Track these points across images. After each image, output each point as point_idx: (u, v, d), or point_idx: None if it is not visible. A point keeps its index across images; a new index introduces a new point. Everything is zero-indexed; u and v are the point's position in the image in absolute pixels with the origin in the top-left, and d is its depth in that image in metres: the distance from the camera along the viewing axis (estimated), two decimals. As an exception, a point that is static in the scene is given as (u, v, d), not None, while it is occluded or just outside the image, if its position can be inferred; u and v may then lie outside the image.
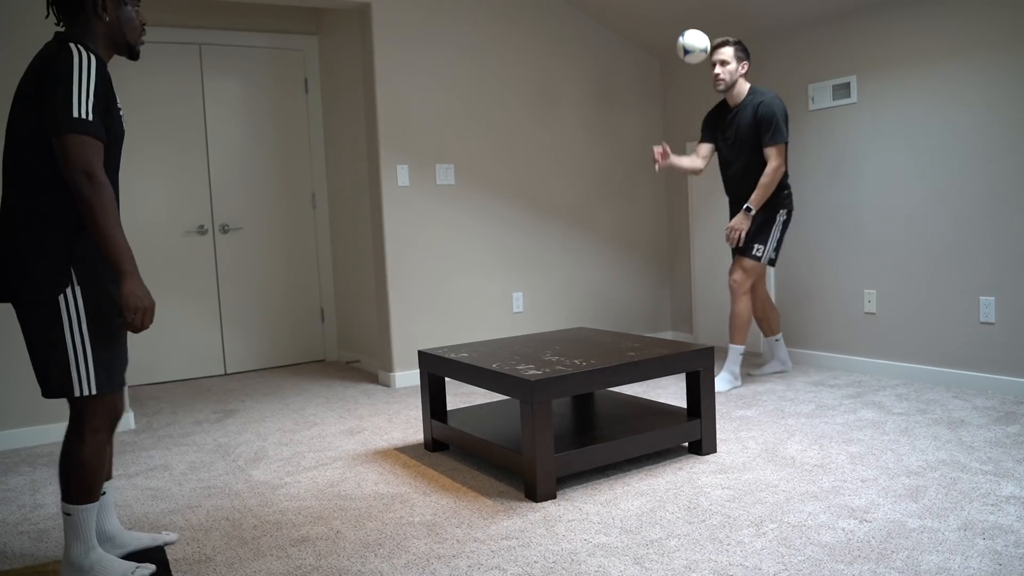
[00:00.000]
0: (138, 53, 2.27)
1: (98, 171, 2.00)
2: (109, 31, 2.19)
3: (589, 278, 5.40)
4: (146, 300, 2.05)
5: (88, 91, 2.01)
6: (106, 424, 2.19)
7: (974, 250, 3.92)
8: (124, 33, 2.21)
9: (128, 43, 2.23)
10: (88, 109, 2.00)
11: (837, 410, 3.71)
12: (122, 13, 2.20)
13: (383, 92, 4.63)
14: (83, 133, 1.99)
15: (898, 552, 2.23)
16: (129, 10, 2.21)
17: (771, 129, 3.95)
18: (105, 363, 2.13)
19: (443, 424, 3.30)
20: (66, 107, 1.99)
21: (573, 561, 2.29)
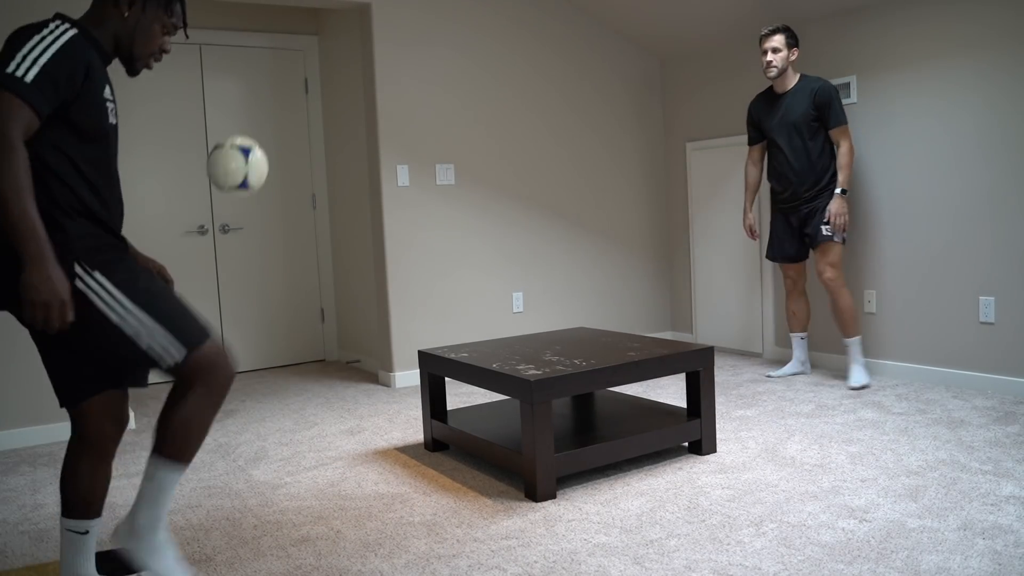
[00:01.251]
0: (137, 71, 2.03)
1: (14, 134, 1.69)
2: (121, 29, 1.98)
3: (589, 278, 5.40)
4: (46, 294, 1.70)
5: (38, 58, 1.76)
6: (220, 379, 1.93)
7: (974, 250, 3.92)
8: (134, 40, 1.99)
9: (132, 53, 2.00)
10: (29, 73, 1.73)
11: (837, 410, 3.71)
12: (143, 20, 1.98)
13: (383, 92, 4.63)
14: (8, 89, 1.71)
15: (898, 552, 2.23)
16: (153, 25, 2.00)
17: (833, 111, 3.99)
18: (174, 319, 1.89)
19: (443, 424, 3.30)
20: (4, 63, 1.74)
21: (573, 561, 2.29)
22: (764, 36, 4.08)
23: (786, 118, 4.11)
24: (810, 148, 4.09)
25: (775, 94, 4.19)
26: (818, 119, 4.06)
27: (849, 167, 4.01)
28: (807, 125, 4.06)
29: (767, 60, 4.07)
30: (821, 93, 4.01)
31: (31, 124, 1.74)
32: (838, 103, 4.01)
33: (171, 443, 1.92)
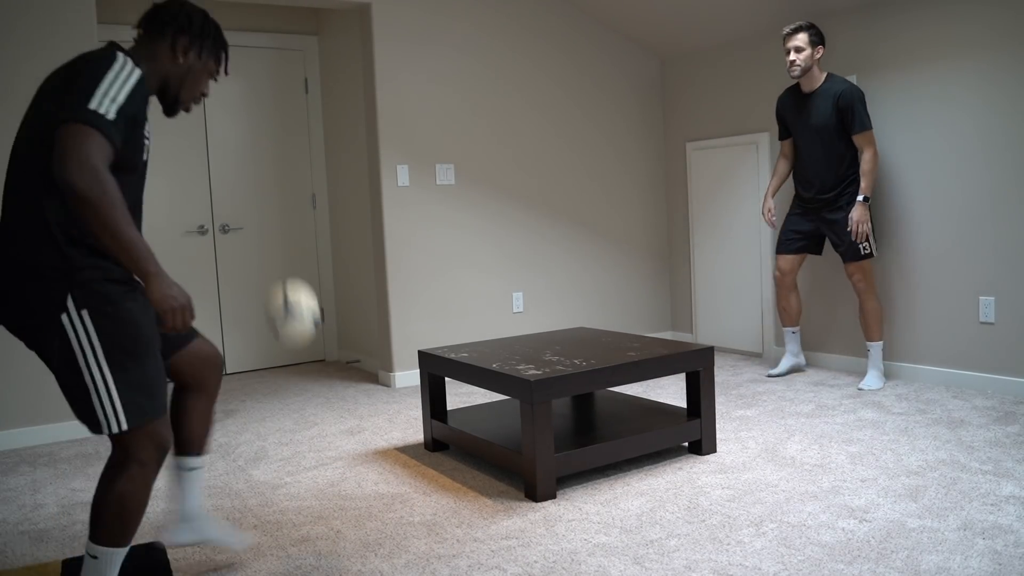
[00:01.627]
0: (176, 112, 2.07)
1: (102, 167, 1.70)
2: (172, 72, 2.01)
3: (589, 278, 5.40)
4: (180, 298, 1.78)
5: (118, 94, 1.78)
6: (154, 455, 1.89)
7: (974, 250, 3.92)
8: (183, 84, 2.03)
9: (177, 96, 2.04)
10: (110, 108, 1.75)
11: (837, 410, 3.71)
12: (196, 67, 2.03)
13: (383, 92, 4.63)
14: (94, 126, 1.71)
15: (898, 552, 2.23)
16: (203, 72, 2.05)
17: (855, 117, 3.90)
18: (133, 389, 1.82)
19: (443, 424, 3.30)
20: (85, 97, 1.74)
21: (573, 561, 2.29)
22: (787, 35, 3.99)
23: (810, 121, 4.04)
24: (833, 154, 4.01)
25: (802, 93, 4.10)
26: (841, 124, 3.98)
27: (872, 174, 3.92)
28: (831, 130, 3.99)
29: (790, 60, 3.98)
30: (844, 97, 3.91)
31: (110, 158, 1.76)
32: (862, 107, 3.90)
33: (112, 528, 1.87)
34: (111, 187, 1.70)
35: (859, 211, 3.93)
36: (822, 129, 4.00)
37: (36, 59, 3.80)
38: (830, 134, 3.99)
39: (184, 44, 1.99)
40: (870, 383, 4.06)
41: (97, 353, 1.80)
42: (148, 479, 1.90)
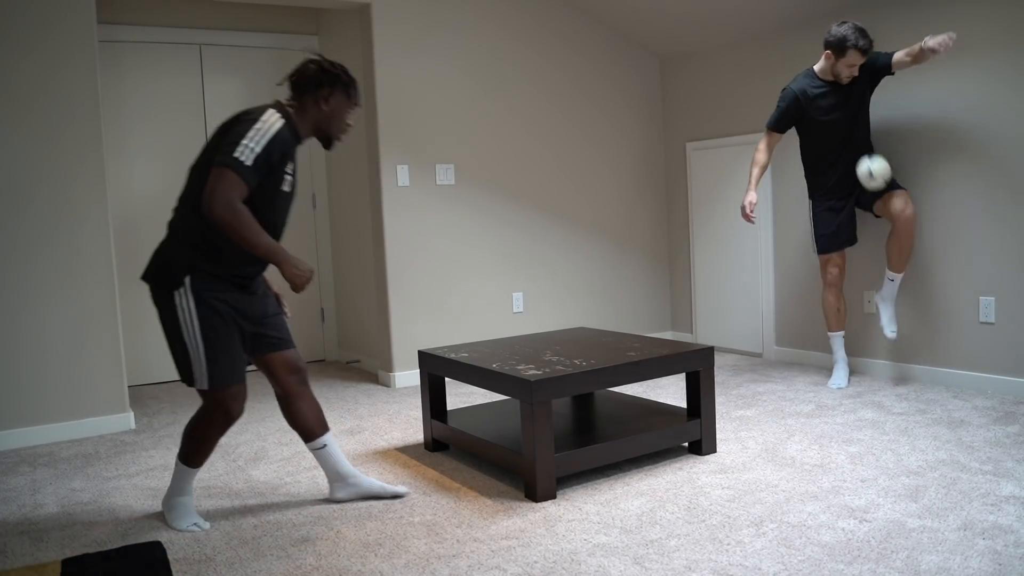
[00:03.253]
0: (332, 146, 2.65)
1: (236, 202, 2.34)
2: (320, 118, 2.58)
3: (589, 278, 5.40)
4: (304, 271, 2.45)
5: (255, 147, 2.38)
6: (221, 418, 2.59)
7: (974, 250, 3.92)
8: (330, 124, 2.60)
9: (329, 135, 2.62)
10: (249, 156, 2.36)
11: (837, 410, 3.71)
12: (336, 110, 2.58)
13: (383, 92, 4.63)
14: (234, 170, 2.34)
15: (898, 552, 2.23)
16: (345, 110, 2.60)
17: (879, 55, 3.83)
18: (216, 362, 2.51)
19: (443, 424, 3.30)
20: (232, 147, 2.36)
21: (573, 561, 2.29)
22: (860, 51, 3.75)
23: (856, 104, 3.93)
24: (862, 130, 3.99)
25: (838, 84, 3.93)
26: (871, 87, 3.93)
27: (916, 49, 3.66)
28: (866, 99, 3.96)
29: (847, 75, 3.84)
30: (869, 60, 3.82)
31: (244, 195, 2.39)
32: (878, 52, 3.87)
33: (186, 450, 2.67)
34: (241, 211, 2.35)
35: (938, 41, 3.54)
36: (859, 105, 3.93)
37: (36, 59, 3.80)
38: (863, 107, 3.95)
39: (325, 95, 2.55)
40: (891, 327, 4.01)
41: (195, 328, 2.48)
42: (215, 428, 2.62)
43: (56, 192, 3.86)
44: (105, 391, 3.98)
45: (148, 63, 5.16)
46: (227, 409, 2.58)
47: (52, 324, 3.86)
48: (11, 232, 3.77)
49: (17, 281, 3.79)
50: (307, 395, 2.76)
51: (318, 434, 2.77)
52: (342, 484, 2.82)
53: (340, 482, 2.82)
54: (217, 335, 2.49)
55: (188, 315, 2.46)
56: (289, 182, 2.56)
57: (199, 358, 2.49)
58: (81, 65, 3.88)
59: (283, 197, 2.55)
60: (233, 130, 2.41)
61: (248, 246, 2.37)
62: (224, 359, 2.52)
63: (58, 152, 3.86)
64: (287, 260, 2.43)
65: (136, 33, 5.11)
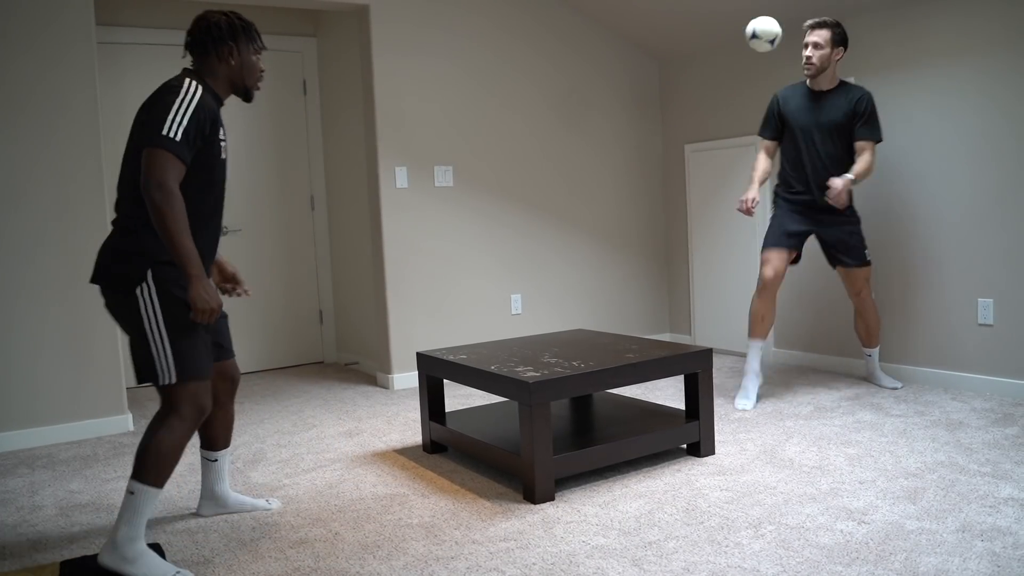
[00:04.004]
0: (252, 98, 2.55)
1: (171, 183, 2.21)
2: (231, 73, 2.47)
3: (588, 280, 5.40)
4: (212, 301, 2.27)
5: (183, 118, 2.26)
6: (192, 414, 2.35)
7: (973, 252, 3.92)
8: (244, 77, 2.49)
9: (246, 86, 2.51)
10: (177, 131, 2.24)
11: (835, 412, 3.72)
12: (245, 60, 2.48)
13: (381, 93, 4.63)
14: (166, 149, 2.22)
15: (896, 554, 2.23)
16: (253, 58, 2.49)
17: (872, 124, 3.73)
18: (183, 353, 2.32)
19: (441, 426, 3.30)
20: (159, 125, 2.23)
21: (571, 563, 2.29)
22: (808, 28, 3.73)
23: (824, 119, 3.79)
24: (841, 157, 3.82)
25: (811, 91, 3.84)
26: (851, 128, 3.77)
27: (864, 174, 3.70)
28: (842, 131, 3.78)
29: (805, 55, 3.73)
30: (863, 102, 3.73)
31: (181, 173, 2.26)
32: (876, 116, 3.75)
33: (150, 469, 2.29)
34: (175, 197, 2.21)
35: (845, 181, 3.61)
36: (833, 130, 3.78)
37: (34, 60, 3.79)
38: (840, 136, 3.79)
39: (226, 50, 2.43)
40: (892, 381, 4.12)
41: (159, 320, 2.30)
42: (184, 432, 2.34)
43: (54, 193, 3.85)
44: (104, 393, 3.98)
45: (146, 65, 5.16)
46: (200, 404, 2.37)
47: (50, 325, 3.85)
48: (8, 233, 3.77)
49: (15, 282, 3.78)
50: (229, 407, 2.73)
51: (219, 447, 2.74)
52: (212, 503, 2.78)
53: (212, 500, 2.78)
54: (182, 325, 2.33)
55: (151, 307, 2.30)
56: (224, 148, 2.45)
57: (164, 350, 2.30)
58: (79, 66, 3.88)
59: (222, 165, 2.45)
60: (155, 108, 2.27)
61: (168, 240, 2.21)
62: (191, 349, 2.34)
63: (56, 153, 3.86)
64: (201, 277, 2.25)
65: (134, 35, 5.11)
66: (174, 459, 2.32)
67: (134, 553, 2.26)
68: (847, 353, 4.52)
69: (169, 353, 2.31)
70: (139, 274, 2.30)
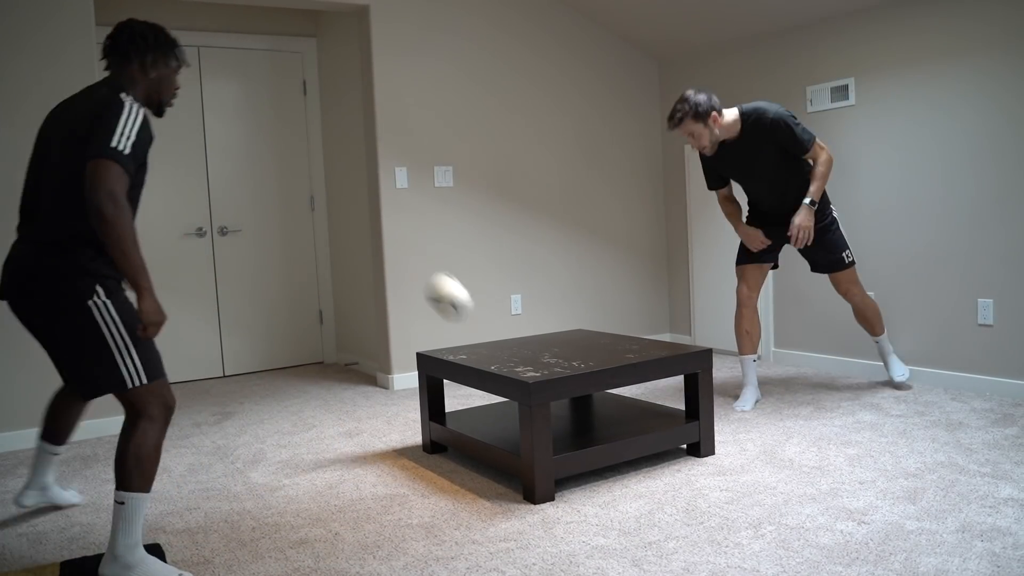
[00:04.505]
0: (163, 112, 2.55)
1: (121, 196, 2.18)
2: (149, 85, 2.46)
3: (588, 280, 5.40)
4: (160, 316, 2.28)
5: (131, 134, 2.24)
6: (162, 413, 2.37)
7: (972, 252, 3.92)
8: (161, 90, 2.49)
9: (160, 101, 2.51)
10: (126, 145, 2.23)
11: (835, 412, 3.72)
12: (165, 74, 2.48)
13: (381, 94, 4.63)
14: (115, 161, 2.19)
15: (896, 554, 2.23)
16: (171, 74, 2.50)
17: (796, 138, 3.59)
18: (146, 355, 2.35)
19: (441, 426, 3.30)
20: (108, 138, 2.20)
21: (571, 563, 2.29)
22: (670, 129, 3.67)
23: (750, 162, 3.70)
24: (782, 185, 3.73)
25: (726, 144, 3.73)
26: (783, 151, 3.67)
27: (824, 178, 3.62)
28: (772, 164, 3.68)
29: (693, 146, 3.72)
30: (775, 129, 3.58)
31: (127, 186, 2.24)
32: (796, 128, 3.59)
33: (137, 476, 2.29)
34: (125, 209, 2.18)
35: (804, 214, 3.62)
36: (765, 164, 3.68)
37: (33, 60, 3.80)
38: (774, 166, 3.68)
39: (149, 61, 2.43)
40: (901, 372, 4.00)
41: (120, 328, 2.31)
42: (158, 433, 2.35)
43: (54, 194, 3.85)
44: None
45: (147, 65, 5.16)
46: (166, 401, 2.39)
47: (50, 326, 3.85)
48: (9, 233, 3.76)
49: (15, 283, 3.78)
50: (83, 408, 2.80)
51: (61, 442, 2.79)
52: (39, 492, 2.85)
53: (39, 490, 2.84)
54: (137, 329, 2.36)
55: (109, 316, 2.29)
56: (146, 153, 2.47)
57: (129, 355, 2.31)
58: (78, 65, 3.88)
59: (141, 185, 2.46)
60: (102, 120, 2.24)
61: (119, 252, 2.18)
62: (151, 351, 2.39)
63: (56, 154, 3.86)
64: (151, 290, 2.26)
65: (135, 35, 5.11)
66: (155, 460, 2.34)
67: (135, 560, 2.26)
68: (847, 353, 4.52)
69: (135, 357, 2.32)
70: (90, 287, 2.29)
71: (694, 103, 3.58)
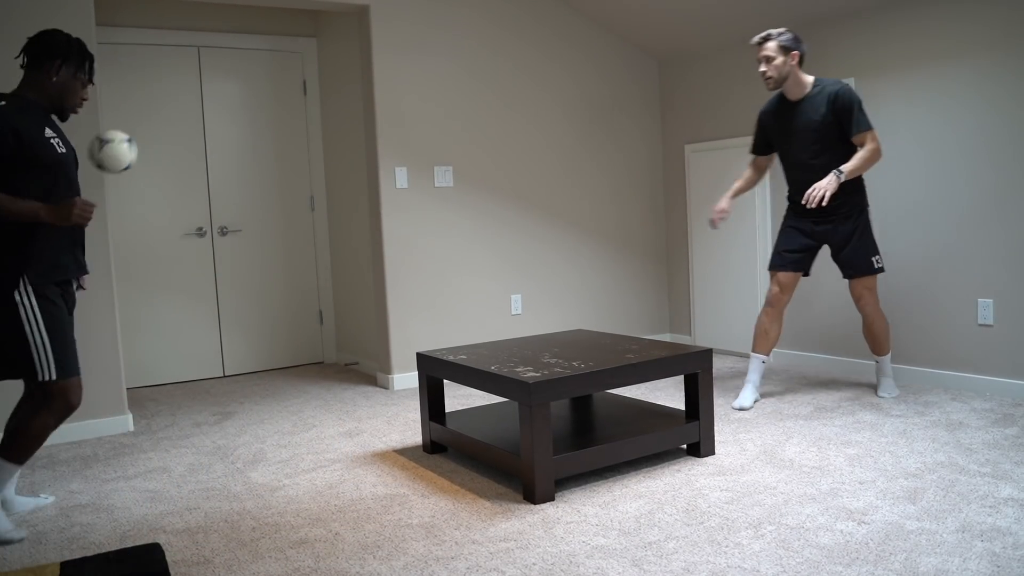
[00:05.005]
0: (67, 118, 2.75)
1: None
2: (52, 90, 2.68)
3: (588, 280, 5.40)
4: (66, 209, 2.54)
5: None
6: (61, 408, 2.64)
7: (973, 252, 3.92)
8: (62, 97, 2.69)
9: (62, 106, 2.71)
10: None
11: (835, 412, 3.72)
12: (67, 82, 2.68)
13: (381, 94, 4.63)
14: None
15: (896, 554, 2.23)
16: (75, 83, 2.70)
17: (854, 119, 3.60)
18: (61, 354, 2.61)
19: (441, 426, 3.30)
20: None
21: (571, 563, 2.29)
22: (755, 45, 3.77)
23: (803, 129, 3.71)
24: (831, 162, 3.70)
25: (788, 101, 3.77)
26: (839, 128, 3.66)
27: (864, 161, 3.56)
28: (827, 136, 3.67)
29: (760, 71, 3.70)
30: (840, 99, 3.61)
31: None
32: (859, 109, 3.60)
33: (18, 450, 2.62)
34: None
35: (829, 179, 3.53)
36: (816, 135, 3.68)
37: (35, 61, 3.79)
38: (826, 140, 3.68)
39: (55, 67, 2.64)
40: (889, 391, 3.94)
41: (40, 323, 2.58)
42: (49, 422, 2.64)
43: (54, 194, 3.85)
44: (103, 393, 3.98)
45: (146, 65, 5.16)
46: (69, 400, 2.65)
47: (50, 326, 3.85)
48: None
49: (15, 283, 3.78)
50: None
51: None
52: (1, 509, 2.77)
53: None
54: (60, 326, 2.62)
55: (31, 311, 2.56)
56: (57, 142, 2.66)
57: (44, 349, 2.58)
58: (80, 67, 3.88)
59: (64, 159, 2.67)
60: None
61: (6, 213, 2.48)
62: (68, 349, 2.63)
63: (56, 154, 3.85)
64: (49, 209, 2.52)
65: (134, 35, 5.11)
66: (38, 443, 2.63)
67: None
68: (847, 353, 4.52)
69: (49, 353, 2.58)
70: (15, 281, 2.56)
71: (787, 34, 3.68)
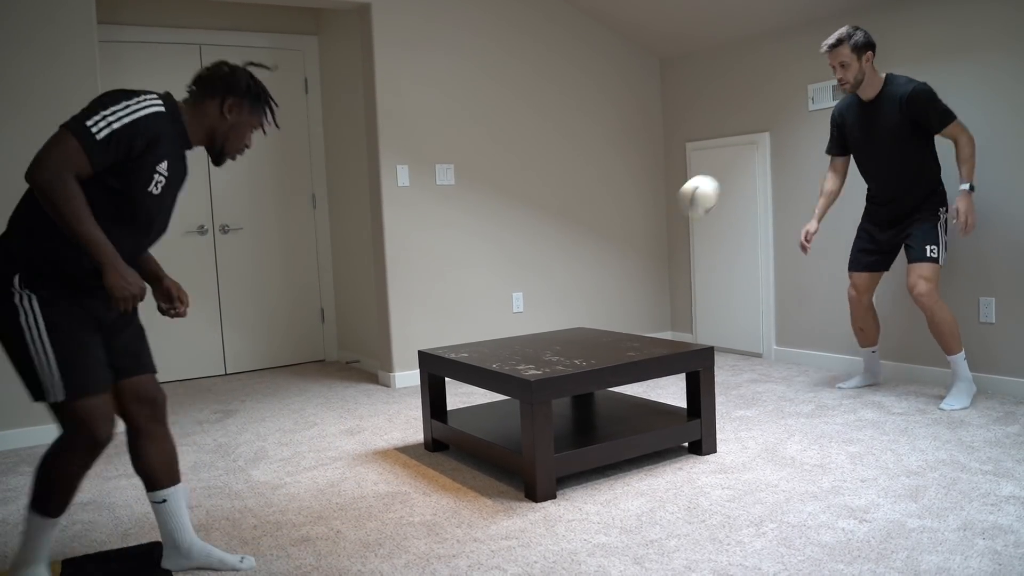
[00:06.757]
0: (222, 163, 2.30)
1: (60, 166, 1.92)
2: (219, 127, 2.23)
3: (589, 278, 5.40)
4: (132, 287, 2.01)
5: (117, 121, 1.99)
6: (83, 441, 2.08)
7: (975, 251, 3.92)
8: (228, 138, 2.25)
9: (224, 148, 2.26)
10: (102, 130, 1.97)
11: (837, 410, 3.71)
12: (239, 125, 2.24)
13: (383, 92, 4.63)
14: (78, 137, 1.95)
15: (898, 552, 2.23)
16: (247, 127, 2.26)
17: (935, 113, 3.51)
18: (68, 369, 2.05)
19: (443, 424, 3.30)
20: (88, 113, 1.98)
21: (573, 561, 2.29)
22: (825, 53, 3.61)
23: (877, 130, 3.64)
24: (907, 164, 3.62)
25: (862, 101, 3.70)
26: (917, 127, 3.58)
27: (971, 159, 3.49)
28: (901, 138, 3.60)
29: (838, 78, 3.61)
30: (912, 101, 3.51)
31: (83, 171, 1.97)
32: (934, 103, 3.51)
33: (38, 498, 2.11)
34: (68, 182, 1.93)
35: (965, 201, 3.47)
36: (891, 137, 3.61)
37: (35, 59, 3.79)
38: (900, 142, 3.60)
39: (231, 103, 2.20)
40: (952, 403, 3.63)
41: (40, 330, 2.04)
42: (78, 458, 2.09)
43: (56, 192, 3.85)
44: (105, 391, 3.98)
45: (148, 63, 5.16)
46: (91, 430, 2.07)
47: (52, 324, 3.85)
48: (11, 232, 3.77)
49: (17, 281, 3.78)
50: (159, 434, 2.29)
51: (163, 484, 2.28)
52: (175, 553, 2.32)
53: (173, 550, 2.32)
54: (69, 337, 2.06)
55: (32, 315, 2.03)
56: (160, 184, 2.12)
57: (48, 365, 2.03)
58: (80, 64, 3.88)
59: (152, 201, 2.13)
60: (98, 99, 2.03)
61: (65, 225, 1.93)
62: (80, 363, 2.06)
63: (58, 152, 3.85)
64: (113, 263, 1.98)
65: (136, 33, 5.11)
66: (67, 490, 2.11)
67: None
68: (849, 351, 4.52)
69: (55, 367, 2.03)
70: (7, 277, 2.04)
71: (858, 34, 3.56)
